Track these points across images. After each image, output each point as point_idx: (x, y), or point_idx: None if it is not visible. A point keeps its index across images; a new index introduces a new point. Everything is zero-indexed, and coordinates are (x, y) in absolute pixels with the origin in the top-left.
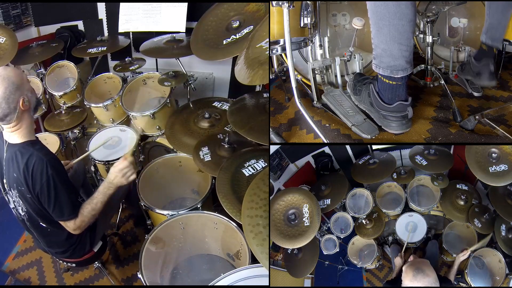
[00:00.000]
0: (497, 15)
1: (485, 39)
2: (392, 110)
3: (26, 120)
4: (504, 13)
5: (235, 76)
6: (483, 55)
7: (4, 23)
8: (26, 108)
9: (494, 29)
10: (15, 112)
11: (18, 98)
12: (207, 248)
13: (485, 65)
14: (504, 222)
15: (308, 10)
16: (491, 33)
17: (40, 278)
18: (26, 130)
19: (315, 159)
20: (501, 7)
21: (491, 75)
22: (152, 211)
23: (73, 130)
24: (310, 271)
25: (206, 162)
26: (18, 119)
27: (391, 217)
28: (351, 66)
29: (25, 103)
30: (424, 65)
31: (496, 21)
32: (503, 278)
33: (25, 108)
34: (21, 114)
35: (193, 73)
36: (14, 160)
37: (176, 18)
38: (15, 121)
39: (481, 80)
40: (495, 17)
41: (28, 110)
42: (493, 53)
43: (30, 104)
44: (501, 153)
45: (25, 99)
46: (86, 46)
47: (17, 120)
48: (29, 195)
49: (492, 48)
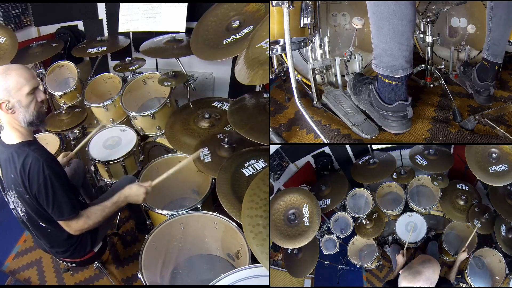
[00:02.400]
0: (498, 29)
1: (487, 56)
2: (392, 110)
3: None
4: (505, 28)
5: (235, 76)
6: (485, 74)
7: (4, 23)
8: (7, 112)
9: (496, 45)
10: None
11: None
12: (207, 248)
13: (485, 88)
14: (504, 222)
15: (308, 10)
16: (493, 50)
17: (40, 278)
18: (20, 131)
19: (315, 159)
20: (503, 22)
21: (489, 97)
22: (152, 211)
23: (73, 130)
24: (310, 271)
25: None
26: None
27: (391, 217)
28: (351, 66)
29: (6, 108)
30: (424, 65)
31: (498, 36)
32: (503, 278)
33: (6, 112)
34: (4, 114)
35: (193, 73)
36: (11, 161)
37: (176, 18)
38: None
39: (478, 99)
40: (496, 32)
41: (14, 115)
42: (495, 70)
43: (13, 112)
44: (501, 153)
45: (6, 103)
46: (86, 46)
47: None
48: (27, 195)
49: (494, 64)
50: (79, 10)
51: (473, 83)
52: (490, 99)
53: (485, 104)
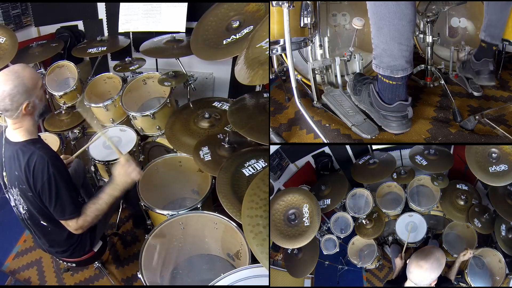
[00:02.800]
0: (496, 12)
1: (484, 37)
2: (392, 110)
3: (27, 122)
4: (503, 10)
5: (235, 76)
6: (482, 53)
7: (4, 23)
8: (28, 113)
9: (493, 26)
10: (16, 111)
11: (23, 101)
12: (207, 248)
13: (484, 64)
14: (504, 222)
15: (308, 10)
16: (490, 31)
17: (40, 278)
18: (27, 129)
19: (315, 159)
20: (500, 5)
21: (491, 74)
22: (152, 211)
23: (73, 130)
24: (310, 271)
25: (206, 162)
26: (19, 120)
27: (391, 217)
28: (351, 66)
29: (29, 108)
30: (424, 65)
31: (495, 18)
32: (503, 278)
33: (27, 113)
34: (22, 116)
35: (193, 73)
36: (16, 159)
37: (176, 18)
38: (15, 120)
39: (480, 79)
40: (494, 14)
41: (31, 114)
42: (492, 51)
43: (34, 110)
44: (501, 153)
45: (30, 104)
46: (86, 46)
47: (17, 119)
48: (30, 193)
49: (492, 45)
50: (79, 10)
51: (472, 65)
52: (492, 77)
53: (488, 83)
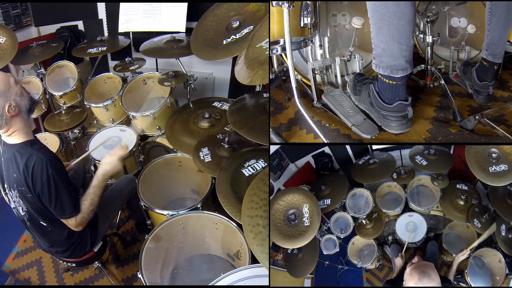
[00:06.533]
0: (498, 29)
1: (486, 56)
2: (392, 110)
3: (18, 124)
4: (505, 28)
5: (235, 76)
6: (484, 73)
7: (4, 23)
8: (13, 114)
9: (495, 45)
10: (3, 118)
11: (4, 104)
12: (207, 248)
13: (484, 87)
14: (504, 222)
15: (308, 10)
16: (492, 49)
17: (40, 278)
18: (22, 131)
19: (315, 159)
20: (502, 22)
21: (489, 96)
22: (152, 211)
23: (73, 130)
24: (310, 271)
25: (207, 163)
26: (7, 125)
27: (391, 217)
28: (351, 66)
29: (12, 109)
30: (424, 65)
31: (497, 36)
32: (503, 278)
33: (13, 113)
34: (10, 120)
35: (193, 73)
36: (14, 161)
37: (176, 18)
38: (4, 127)
39: (478, 98)
40: (496, 32)
41: (18, 114)
42: (494, 70)
43: (19, 108)
44: (501, 153)
45: (11, 104)
46: (86, 46)
47: (6, 125)
48: (30, 194)
49: (493, 64)
50: (79, 10)
51: (473, 82)
52: (490, 99)
53: (485, 103)
